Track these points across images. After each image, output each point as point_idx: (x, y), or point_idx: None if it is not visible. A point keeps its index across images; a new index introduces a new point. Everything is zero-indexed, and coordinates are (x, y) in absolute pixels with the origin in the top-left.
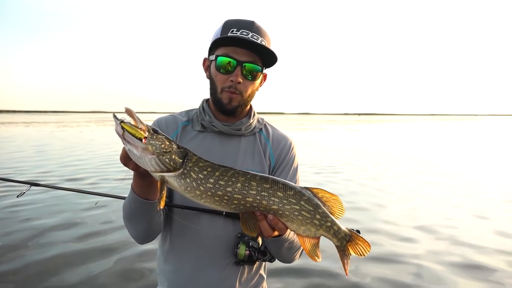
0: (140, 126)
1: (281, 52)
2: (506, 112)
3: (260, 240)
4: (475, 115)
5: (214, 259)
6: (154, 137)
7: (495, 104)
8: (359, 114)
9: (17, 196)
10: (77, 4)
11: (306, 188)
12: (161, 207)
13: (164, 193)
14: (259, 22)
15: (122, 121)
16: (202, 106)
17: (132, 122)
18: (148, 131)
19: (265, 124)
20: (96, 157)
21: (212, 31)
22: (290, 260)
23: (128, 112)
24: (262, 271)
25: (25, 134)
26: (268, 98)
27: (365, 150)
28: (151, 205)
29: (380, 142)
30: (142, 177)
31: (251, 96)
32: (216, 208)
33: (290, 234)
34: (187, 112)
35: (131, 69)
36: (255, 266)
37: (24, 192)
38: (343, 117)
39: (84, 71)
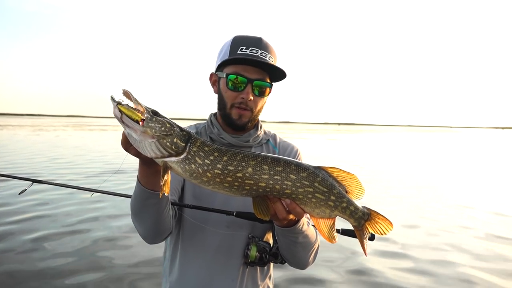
0: (138, 108)
1: None
2: (480, 125)
3: (271, 241)
4: (451, 127)
5: (225, 261)
6: (154, 119)
7: (470, 117)
8: (339, 124)
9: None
10: (56, 5)
11: (320, 167)
12: (166, 193)
13: (168, 178)
14: (266, 38)
15: (119, 103)
16: (210, 119)
17: (130, 104)
18: (147, 112)
19: (272, 134)
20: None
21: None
22: (304, 261)
23: (126, 93)
24: (270, 283)
25: None
26: None
27: (344, 160)
28: (159, 197)
29: (359, 153)
30: (147, 165)
31: (260, 110)
32: (226, 194)
33: (304, 225)
34: (196, 126)
35: (112, 73)
36: (265, 280)
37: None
38: (323, 126)
39: (63, 74)
